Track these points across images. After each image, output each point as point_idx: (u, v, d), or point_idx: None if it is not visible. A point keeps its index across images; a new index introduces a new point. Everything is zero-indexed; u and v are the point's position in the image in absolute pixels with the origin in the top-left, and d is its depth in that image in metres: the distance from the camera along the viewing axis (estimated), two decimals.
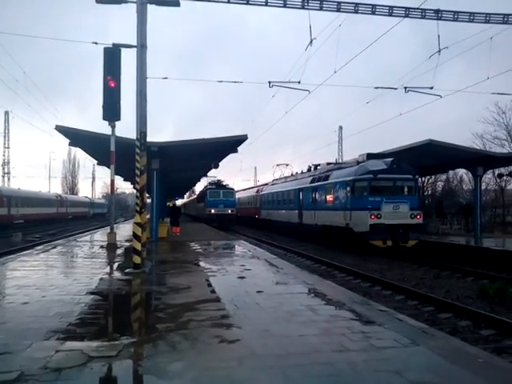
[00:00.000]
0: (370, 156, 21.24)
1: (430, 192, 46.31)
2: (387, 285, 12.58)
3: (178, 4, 11.50)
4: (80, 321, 6.04)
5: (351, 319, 6.19)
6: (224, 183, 45.00)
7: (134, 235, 10.54)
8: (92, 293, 7.93)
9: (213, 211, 40.28)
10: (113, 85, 12.08)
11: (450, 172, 39.69)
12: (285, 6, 14.15)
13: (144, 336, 5.39)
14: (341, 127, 63.90)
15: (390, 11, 14.82)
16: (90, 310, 6.73)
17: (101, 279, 9.49)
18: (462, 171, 38.09)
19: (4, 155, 66.89)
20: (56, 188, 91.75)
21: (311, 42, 15.12)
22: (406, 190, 20.49)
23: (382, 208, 19.31)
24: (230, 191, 43.06)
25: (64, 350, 4.72)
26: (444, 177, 44.86)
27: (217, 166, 24.27)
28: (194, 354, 4.67)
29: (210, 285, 8.93)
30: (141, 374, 4.16)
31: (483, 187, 40.88)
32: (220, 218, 39.27)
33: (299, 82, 17.22)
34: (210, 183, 45.48)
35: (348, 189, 20.83)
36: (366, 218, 19.23)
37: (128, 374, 4.21)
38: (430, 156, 22.77)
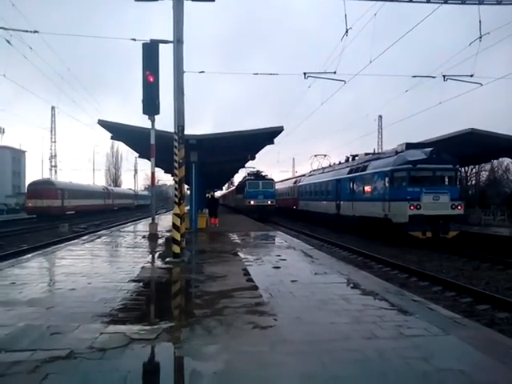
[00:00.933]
0: (409, 146, 20.92)
1: (473, 182, 45.03)
2: (424, 276, 12.49)
3: None
4: (123, 306, 6.40)
5: (383, 308, 6.28)
6: (263, 174, 44.03)
7: (174, 225, 10.92)
8: (134, 280, 8.34)
9: (252, 202, 39.50)
10: (151, 79, 12.48)
11: (495, 161, 38.43)
12: None
13: (182, 321, 5.68)
14: (380, 116, 62.91)
15: None
16: (132, 297, 7.11)
17: (142, 267, 9.92)
18: (507, 160, 36.83)
19: (51, 149, 69.68)
20: (100, 180, 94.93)
21: (347, 31, 14.99)
22: (446, 180, 20.10)
23: (422, 198, 19.02)
24: (270, 182, 41.91)
25: (108, 332, 5.06)
26: (488, 166, 43.52)
27: (254, 158, 24.52)
28: (228, 338, 4.91)
29: (245, 274, 9.18)
30: (178, 356, 4.42)
31: None
32: (259, 210, 38.53)
33: (335, 73, 17.16)
34: (248, 174, 44.64)
35: (386, 179, 20.61)
36: (405, 209, 19.01)
37: (166, 355, 4.49)
38: (472, 145, 22.18)
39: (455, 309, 8.41)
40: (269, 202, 39.64)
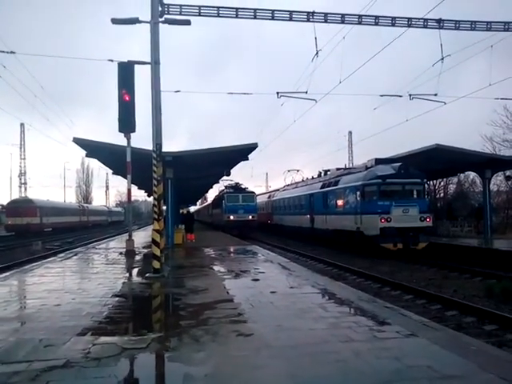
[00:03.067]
0: (378, 161, 21.69)
1: (441, 195, 46.39)
2: (396, 285, 13.03)
3: (189, 23, 12.15)
4: (110, 319, 6.64)
5: (358, 315, 6.72)
6: (242, 186, 40.18)
7: (154, 241, 11.14)
8: (117, 295, 8.55)
9: (232, 218, 36.06)
10: (127, 98, 12.73)
11: (462, 175, 39.84)
12: (290, 19, 14.75)
13: (169, 331, 5.95)
14: (350, 132, 64.33)
15: (393, 22, 15.34)
16: (118, 311, 7.33)
17: (123, 283, 10.11)
18: (473, 174, 38.24)
19: (20, 166, 68.46)
20: (71, 197, 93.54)
21: (317, 53, 15.69)
22: (414, 193, 20.87)
23: (392, 211, 19.70)
24: (251, 195, 38.20)
25: (99, 343, 5.30)
26: (456, 179, 44.95)
27: (229, 174, 24.94)
28: (215, 345, 5.22)
29: (226, 286, 9.50)
30: (169, 362, 4.72)
31: (495, 189, 40.98)
32: (240, 225, 35.05)
33: (306, 92, 17.77)
34: (226, 187, 40.54)
35: (358, 193, 21.27)
36: (376, 222, 19.65)
37: (158, 361, 4.79)
38: (438, 160, 23.15)
39: (425, 315, 8.82)
40: (250, 217, 36.30)
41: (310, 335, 5.60)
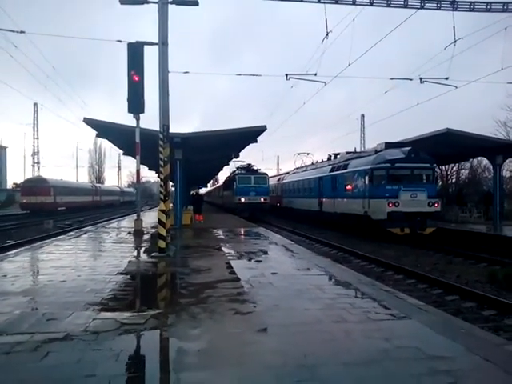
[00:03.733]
0: (388, 145, 21.59)
1: (453, 180, 46.01)
2: (399, 270, 13.11)
3: (196, 4, 12.11)
4: (112, 296, 6.84)
5: (354, 297, 6.84)
6: (254, 167, 38.40)
7: (159, 221, 11.34)
8: (121, 273, 8.76)
9: (243, 200, 34.52)
10: (136, 79, 12.83)
11: (474, 160, 39.43)
12: (301, 0, 14.60)
13: (168, 308, 6.13)
14: (363, 115, 63.69)
15: (406, 3, 15.11)
16: (121, 288, 7.53)
17: (129, 261, 10.33)
18: (486, 159, 37.80)
19: (33, 145, 69.19)
20: (83, 177, 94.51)
21: (327, 34, 15.54)
22: (423, 178, 20.78)
23: (400, 196, 19.68)
24: (263, 176, 36.54)
25: (100, 318, 5.49)
26: (468, 165, 44.50)
27: (237, 156, 25.02)
28: (211, 322, 5.38)
29: (228, 267, 9.66)
30: (165, 337, 4.89)
31: (507, 175, 40.54)
32: (251, 208, 33.73)
33: (315, 74, 17.66)
34: (238, 168, 38.90)
35: (366, 177, 21.25)
36: (383, 206, 19.65)
37: (154, 336, 4.95)
38: (448, 145, 22.94)
39: (425, 299, 8.95)
40: (262, 200, 34.88)
41: (305, 315, 5.73)
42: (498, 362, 4.16)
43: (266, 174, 37.73)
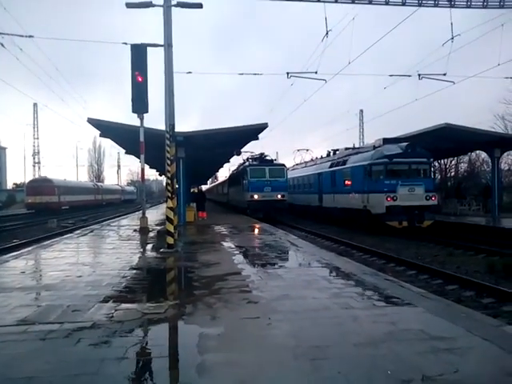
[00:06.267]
0: (386, 141, 21.96)
1: (452, 174, 46.36)
2: (400, 262, 13.48)
3: (200, 6, 12.40)
4: (129, 289, 7.20)
5: (359, 286, 7.19)
6: (268, 158, 31.45)
7: (167, 218, 11.67)
8: (134, 268, 9.11)
9: (256, 197, 27.97)
10: (140, 79, 13.11)
11: (473, 154, 39.83)
12: None
13: (184, 299, 6.46)
14: (361, 111, 63.82)
15: (404, 1, 15.42)
16: (136, 281, 7.88)
17: (140, 257, 10.70)
18: (484, 153, 38.18)
19: (34, 145, 69.32)
20: (83, 176, 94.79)
21: (327, 33, 15.84)
22: (421, 172, 21.13)
23: (398, 190, 20.06)
24: (280, 168, 29.60)
25: (121, 309, 5.84)
26: (466, 158, 44.85)
27: (239, 153, 25.30)
28: (227, 310, 5.73)
29: (236, 261, 10.01)
30: (186, 324, 5.24)
31: (506, 168, 40.93)
32: (266, 207, 27.62)
33: (316, 73, 17.97)
34: (248, 158, 32.26)
35: (365, 173, 21.61)
36: (382, 201, 20.03)
37: (176, 323, 5.30)
38: (447, 139, 23.30)
39: (427, 289, 9.28)
40: (279, 197, 28.30)
41: (314, 303, 6.08)
42: (495, 341, 4.51)
43: (283, 165, 30.72)
